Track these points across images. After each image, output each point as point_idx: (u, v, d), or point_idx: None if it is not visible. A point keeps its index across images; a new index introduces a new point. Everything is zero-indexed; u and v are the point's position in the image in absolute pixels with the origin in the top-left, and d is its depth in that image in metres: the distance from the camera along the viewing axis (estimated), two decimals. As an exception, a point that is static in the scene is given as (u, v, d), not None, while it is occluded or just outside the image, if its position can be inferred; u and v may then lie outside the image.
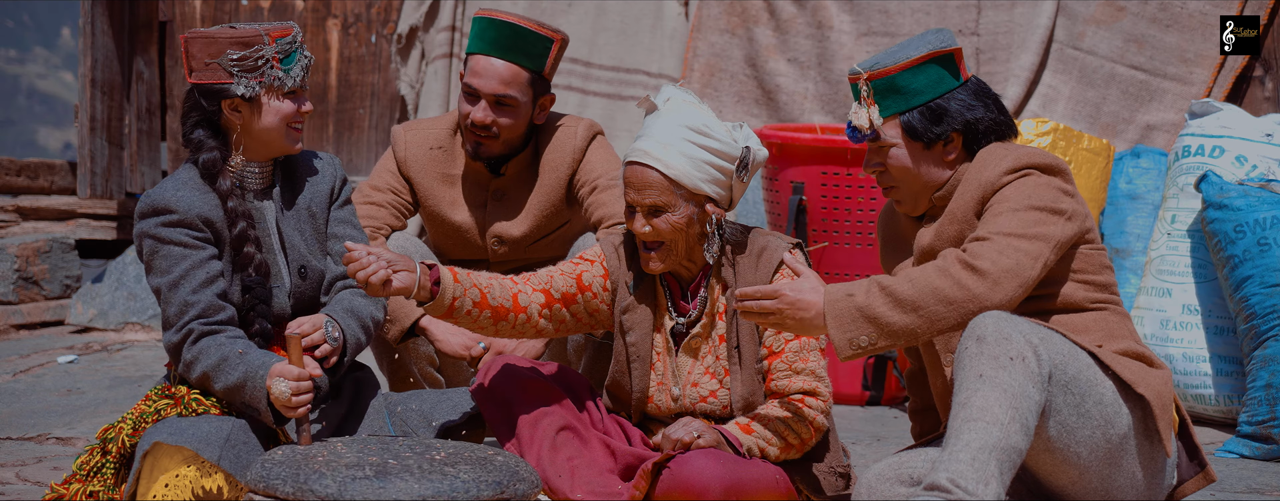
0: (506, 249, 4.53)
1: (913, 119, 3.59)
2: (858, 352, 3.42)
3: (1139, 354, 3.53)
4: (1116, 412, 3.41)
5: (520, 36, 4.35)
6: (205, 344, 3.59)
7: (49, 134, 33.06)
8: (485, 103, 4.36)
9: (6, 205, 7.22)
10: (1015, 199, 3.48)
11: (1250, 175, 5.19)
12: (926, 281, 3.39)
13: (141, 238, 3.66)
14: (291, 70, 3.68)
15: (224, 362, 3.56)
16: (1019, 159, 3.53)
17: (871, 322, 3.39)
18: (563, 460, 3.59)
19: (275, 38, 3.67)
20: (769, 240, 3.69)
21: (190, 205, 3.64)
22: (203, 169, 3.69)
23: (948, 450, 3.24)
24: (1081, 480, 3.45)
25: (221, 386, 3.57)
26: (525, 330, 3.70)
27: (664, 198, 3.59)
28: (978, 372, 3.27)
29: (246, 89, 3.65)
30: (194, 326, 3.60)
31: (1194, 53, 6.29)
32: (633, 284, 3.72)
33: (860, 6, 6.51)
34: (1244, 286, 4.94)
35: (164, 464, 3.51)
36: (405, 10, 6.96)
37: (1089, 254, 3.54)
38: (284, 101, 3.69)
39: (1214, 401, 5.14)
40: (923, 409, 3.81)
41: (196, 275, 3.62)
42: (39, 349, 6.28)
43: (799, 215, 5.34)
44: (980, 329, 3.31)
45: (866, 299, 3.40)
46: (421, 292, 3.55)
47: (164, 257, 3.63)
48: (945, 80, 3.60)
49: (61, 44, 35.21)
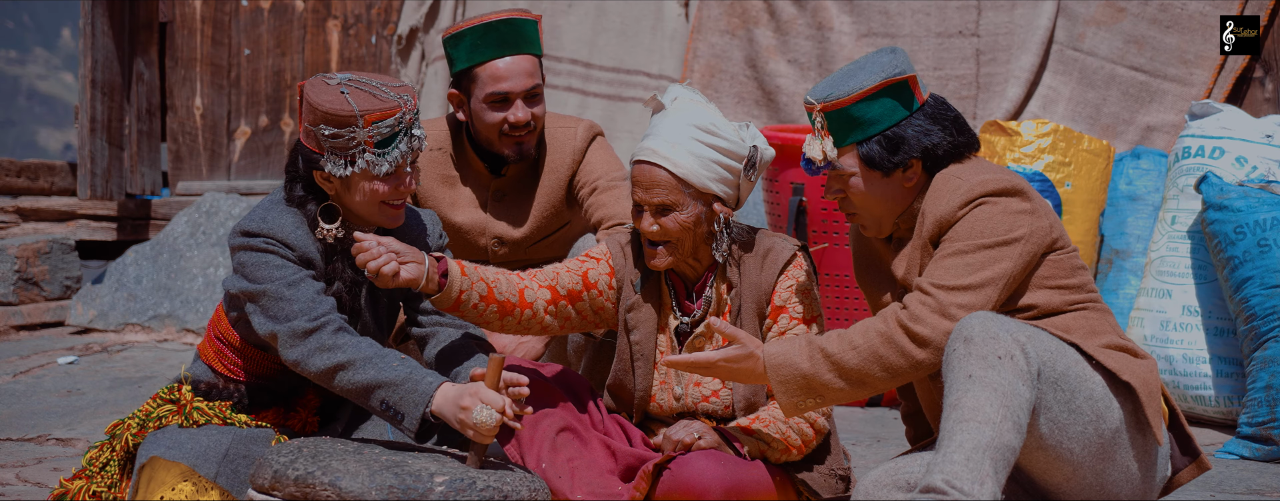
0: (507, 250, 4.53)
1: (870, 149, 3.57)
2: (799, 414, 3.52)
3: (1122, 346, 3.53)
4: (1107, 407, 3.42)
5: (520, 27, 4.36)
6: (348, 338, 3.48)
7: (49, 135, 33.06)
8: (520, 101, 4.35)
9: (7, 206, 7.22)
10: (964, 238, 3.48)
11: (1250, 176, 5.19)
12: (870, 349, 3.43)
13: (244, 250, 3.53)
14: (388, 154, 3.51)
15: (378, 359, 3.44)
16: (970, 190, 3.51)
17: (816, 393, 3.46)
18: (563, 461, 3.59)
19: (373, 120, 3.48)
20: (775, 241, 3.70)
21: (298, 241, 3.55)
22: (307, 217, 3.59)
23: (941, 451, 3.24)
24: (1076, 476, 3.45)
25: (363, 379, 3.44)
26: (530, 326, 3.70)
27: (672, 196, 3.59)
28: (967, 373, 3.28)
29: (334, 168, 3.52)
30: (333, 317, 3.49)
31: (1194, 53, 6.29)
32: (638, 282, 3.73)
33: (860, 7, 6.51)
34: (1244, 287, 4.94)
35: (161, 478, 3.48)
36: (405, 11, 6.96)
37: (1058, 259, 3.54)
38: (377, 183, 3.53)
39: (1214, 403, 5.14)
40: (915, 413, 3.81)
41: (313, 284, 3.53)
42: (39, 350, 6.28)
43: (799, 216, 5.34)
44: (967, 330, 3.32)
45: (812, 368, 3.45)
46: (429, 284, 3.55)
47: (275, 267, 3.52)
48: (899, 109, 3.58)
49: (61, 44, 35.22)
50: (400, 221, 3.62)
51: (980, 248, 3.47)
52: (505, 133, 4.36)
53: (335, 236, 3.58)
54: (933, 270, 3.48)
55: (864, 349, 3.43)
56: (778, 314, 3.66)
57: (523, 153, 4.40)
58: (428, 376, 3.43)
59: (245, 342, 3.67)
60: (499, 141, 4.39)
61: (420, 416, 3.41)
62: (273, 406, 3.71)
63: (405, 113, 3.50)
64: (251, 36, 7.24)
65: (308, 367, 3.48)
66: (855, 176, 3.60)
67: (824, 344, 3.45)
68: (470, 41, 4.35)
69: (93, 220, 7.21)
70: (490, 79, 4.33)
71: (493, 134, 4.37)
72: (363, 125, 3.47)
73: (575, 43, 6.75)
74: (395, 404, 3.42)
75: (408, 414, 3.41)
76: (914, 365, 3.42)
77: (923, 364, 3.42)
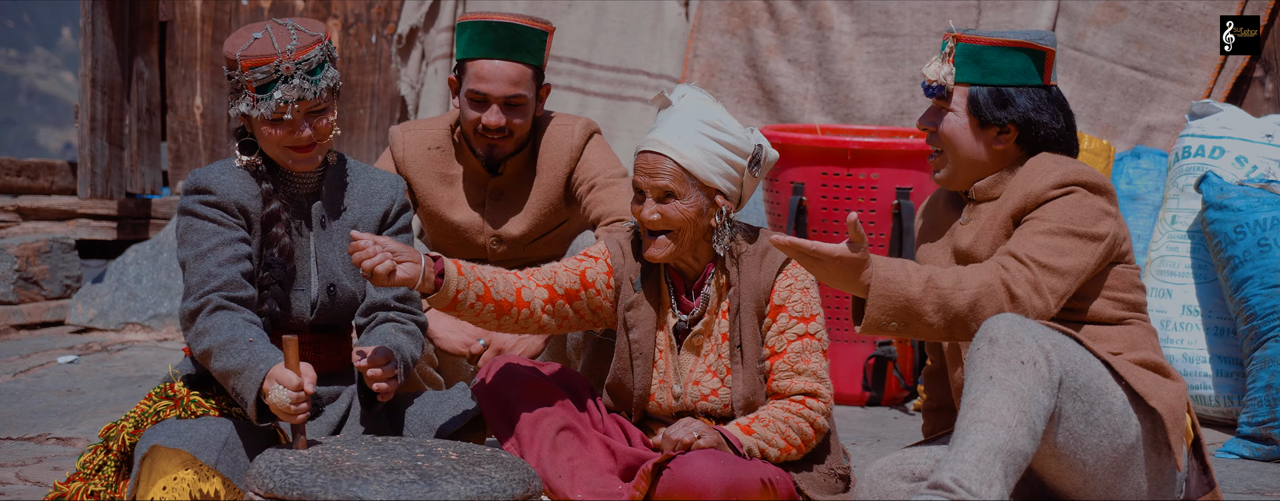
0: (505, 248, 4.53)
1: (980, 94, 3.58)
2: (875, 333, 3.42)
3: (1156, 365, 3.51)
4: (1125, 422, 3.40)
5: (519, 34, 4.36)
6: (220, 318, 3.54)
7: (49, 134, 33.06)
8: (496, 106, 4.36)
9: (7, 205, 7.22)
10: (1054, 220, 3.47)
11: (1250, 176, 5.19)
12: (976, 297, 3.38)
13: (180, 213, 3.63)
14: (268, 100, 3.56)
15: (231, 345, 3.49)
16: (1067, 174, 3.51)
17: (907, 322, 3.38)
18: (563, 460, 3.59)
19: (249, 66, 3.56)
20: (775, 241, 3.70)
21: (229, 190, 3.62)
22: (247, 164, 3.67)
23: (954, 450, 3.23)
24: (1086, 487, 3.44)
25: (219, 367, 3.51)
26: (527, 325, 3.70)
27: (676, 184, 3.59)
28: (988, 374, 3.26)
29: (232, 106, 3.63)
30: (213, 297, 3.55)
31: (1194, 53, 6.29)
32: (637, 281, 3.73)
33: (860, 7, 6.51)
34: (1244, 287, 4.94)
35: (162, 467, 3.49)
36: (405, 11, 6.96)
37: (1122, 272, 3.55)
38: (268, 128, 3.60)
39: (1214, 402, 5.14)
40: (937, 408, 3.80)
41: (224, 251, 3.59)
42: (39, 349, 6.28)
43: (799, 216, 5.34)
44: (993, 331, 3.31)
45: (921, 296, 3.37)
46: (426, 284, 3.55)
47: (196, 231, 3.60)
48: (1029, 74, 3.58)
49: (61, 44, 35.22)
50: (310, 166, 3.65)
51: (1069, 233, 3.46)
52: (478, 132, 4.40)
53: (255, 167, 3.64)
54: (1024, 243, 3.45)
55: (970, 294, 3.39)
56: (777, 312, 3.66)
57: (493, 156, 4.42)
58: (262, 362, 3.46)
59: None
60: (474, 138, 4.42)
61: (254, 401, 3.46)
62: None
63: (283, 62, 3.54)
64: (251, 36, 7.25)
65: (195, 352, 3.55)
66: (954, 114, 3.60)
67: (937, 278, 3.39)
68: (470, 35, 4.39)
69: (93, 219, 7.21)
70: (474, 77, 4.37)
71: (469, 129, 4.42)
72: (242, 69, 3.55)
73: (575, 42, 6.75)
74: (240, 390, 3.48)
75: (247, 400, 3.47)
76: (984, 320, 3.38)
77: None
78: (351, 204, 3.74)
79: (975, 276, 3.41)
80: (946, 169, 3.64)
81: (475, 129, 4.39)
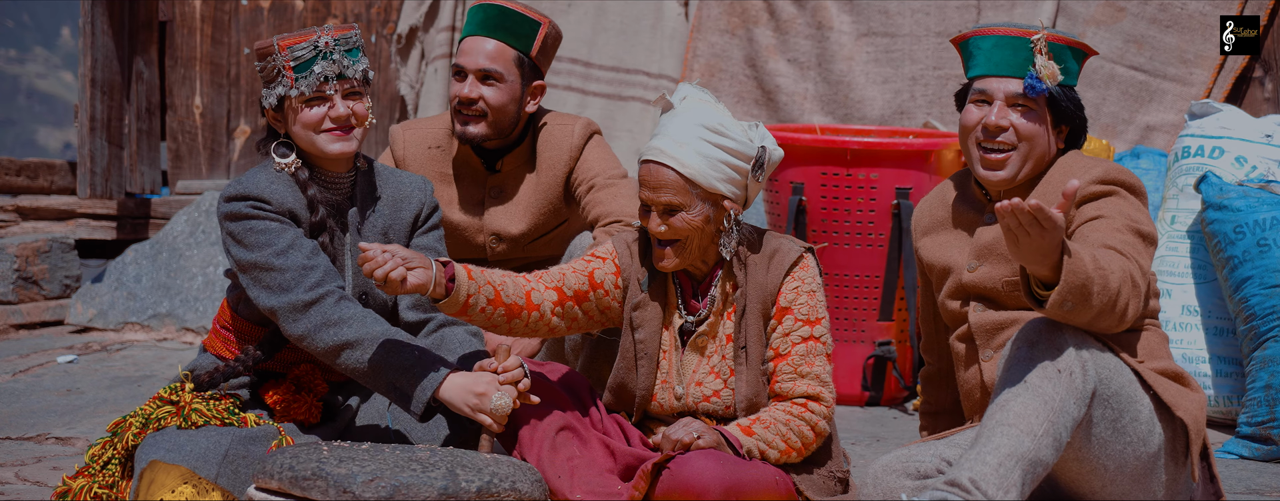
0: (505, 247, 4.54)
1: (1058, 93, 3.57)
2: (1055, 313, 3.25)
3: (1176, 373, 3.50)
4: (1150, 431, 3.39)
5: (507, 16, 4.41)
6: (352, 310, 3.56)
7: (49, 134, 33.07)
8: (472, 78, 4.39)
9: (6, 205, 7.22)
10: (1117, 217, 3.43)
11: (1250, 176, 5.19)
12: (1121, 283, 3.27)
13: (230, 219, 3.61)
14: (307, 77, 3.61)
15: (388, 340, 3.52)
16: (1108, 172, 3.49)
17: (1081, 299, 3.22)
18: (562, 460, 3.59)
19: (288, 45, 3.61)
20: (782, 242, 3.70)
21: (283, 198, 3.63)
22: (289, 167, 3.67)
23: (976, 449, 3.20)
24: (1103, 491, 3.42)
25: (375, 361, 3.52)
26: (537, 328, 3.70)
27: (680, 197, 3.59)
28: (1022, 378, 3.23)
29: (267, 99, 3.66)
30: (331, 288, 3.56)
31: (1194, 53, 6.29)
32: (645, 281, 3.72)
33: (860, 7, 6.51)
34: (1244, 287, 4.94)
35: (161, 481, 3.48)
36: (405, 10, 6.97)
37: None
38: (305, 110, 3.64)
39: (1214, 402, 5.14)
40: (935, 412, 3.79)
41: (304, 244, 3.60)
42: (38, 349, 6.28)
43: (799, 215, 5.34)
44: (1032, 334, 3.27)
45: (1092, 273, 3.20)
46: (437, 289, 3.55)
47: (261, 232, 3.60)
48: (1071, 75, 3.60)
49: (61, 44, 35.22)
50: (348, 152, 3.67)
51: (1135, 233, 3.42)
52: (456, 108, 4.42)
53: (293, 170, 3.65)
54: (1107, 235, 3.38)
55: (1118, 279, 3.27)
56: (783, 315, 3.66)
57: (467, 134, 4.43)
58: (437, 363, 3.52)
59: (248, 322, 3.71)
60: (454, 116, 4.45)
61: (427, 400, 3.49)
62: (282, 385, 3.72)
63: (322, 37, 3.62)
64: (251, 36, 7.24)
65: (314, 344, 3.55)
66: (1035, 111, 3.56)
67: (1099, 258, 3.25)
68: (469, 17, 4.47)
69: (92, 219, 7.21)
70: (458, 53, 4.44)
71: (452, 106, 4.45)
72: (279, 50, 3.61)
73: (575, 42, 6.75)
74: (404, 387, 3.50)
75: (416, 398, 3.50)
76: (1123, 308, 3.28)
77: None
78: (383, 210, 3.77)
79: (1113, 261, 3.30)
80: (1011, 168, 3.58)
81: (454, 105, 4.43)
